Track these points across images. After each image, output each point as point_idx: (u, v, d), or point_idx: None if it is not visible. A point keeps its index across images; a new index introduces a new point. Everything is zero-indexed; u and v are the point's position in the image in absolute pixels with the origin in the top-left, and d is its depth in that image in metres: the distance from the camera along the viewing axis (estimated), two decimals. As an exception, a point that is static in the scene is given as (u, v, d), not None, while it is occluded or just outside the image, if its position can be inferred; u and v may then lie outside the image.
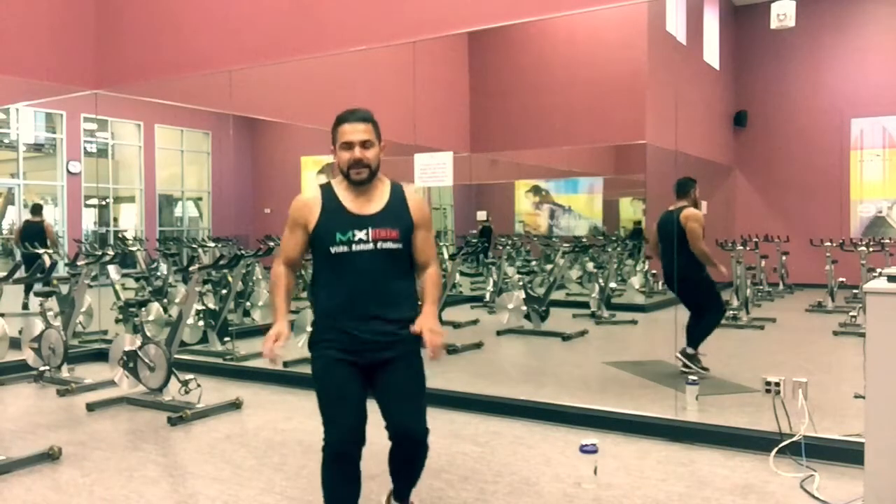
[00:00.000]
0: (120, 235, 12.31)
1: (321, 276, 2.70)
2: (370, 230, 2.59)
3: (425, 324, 2.59)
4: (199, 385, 4.84)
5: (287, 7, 5.70)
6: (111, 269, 7.29)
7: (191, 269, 5.40)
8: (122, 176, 14.21)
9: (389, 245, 2.61)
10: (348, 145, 2.61)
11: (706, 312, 5.80)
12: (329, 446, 2.76)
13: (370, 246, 2.59)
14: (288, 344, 2.72)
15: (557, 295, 8.57)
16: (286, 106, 8.12)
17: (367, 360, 2.63)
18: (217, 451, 4.07)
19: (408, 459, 2.82)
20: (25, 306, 9.04)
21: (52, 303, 6.03)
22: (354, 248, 2.59)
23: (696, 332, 5.73)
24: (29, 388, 5.74)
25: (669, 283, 5.92)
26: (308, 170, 13.09)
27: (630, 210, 10.65)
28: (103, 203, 13.46)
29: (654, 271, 9.88)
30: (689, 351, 5.69)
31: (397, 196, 2.71)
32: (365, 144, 2.61)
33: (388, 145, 2.74)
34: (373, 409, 2.68)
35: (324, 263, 2.67)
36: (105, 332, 7.31)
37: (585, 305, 8.72)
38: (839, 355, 6.88)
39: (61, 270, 8.14)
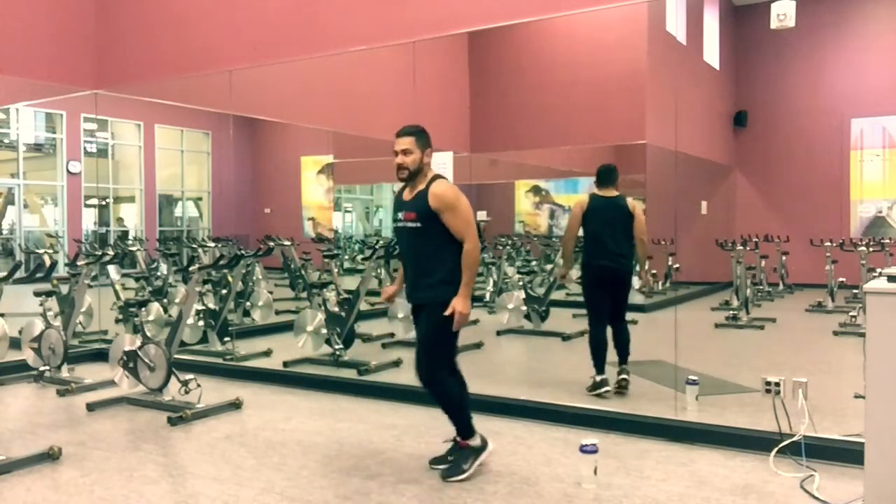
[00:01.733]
0: (120, 233, 12.32)
1: None
2: (402, 213, 3.62)
3: (455, 305, 3.46)
4: (199, 385, 4.84)
5: (287, 7, 5.71)
6: (111, 269, 7.30)
7: (191, 269, 5.40)
8: (122, 176, 14.21)
9: (410, 224, 3.57)
10: (394, 153, 3.61)
11: (624, 317, 5.36)
12: None
13: (402, 224, 3.62)
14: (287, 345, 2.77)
15: (557, 295, 8.56)
16: (286, 106, 8.11)
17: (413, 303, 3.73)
18: (217, 451, 4.07)
19: (434, 397, 3.66)
20: None
21: (52, 303, 6.03)
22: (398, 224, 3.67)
23: (629, 344, 5.31)
24: (29, 388, 5.74)
25: (601, 272, 5.22)
26: (308, 170, 13.10)
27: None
28: (103, 203, 13.46)
29: (654, 271, 9.88)
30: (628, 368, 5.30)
31: (426, 188, 3.56)
32: (405, 152, 3.57)
33: (389, 145, 2.97)
34: (363, 414, 2.68)
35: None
36: (105, 332, 7.31)
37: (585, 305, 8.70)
38: (839, 355, 6.88)
39: (61, 270, 8.14)
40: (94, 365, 6.38)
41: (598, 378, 5.17)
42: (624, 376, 5.25)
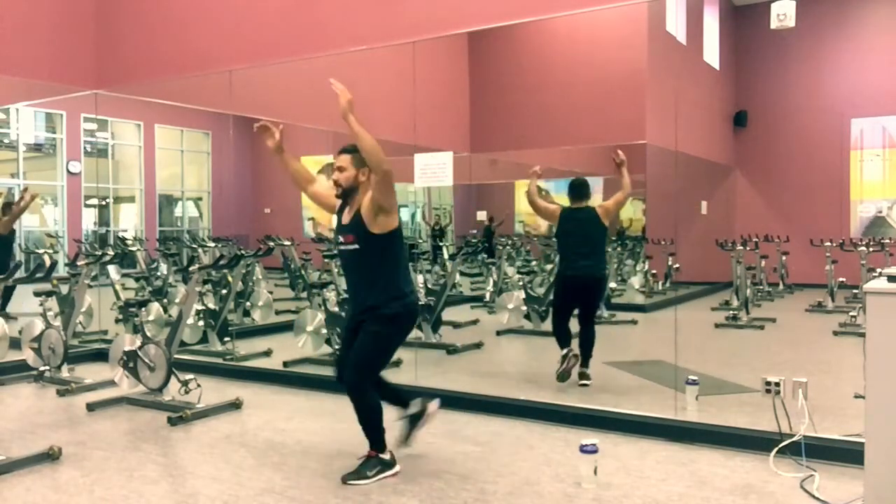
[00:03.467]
0: (120, 235, 12.31)
1: None
2: (342, 236, 3.66)
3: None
4: (199, 385, 4.84)
5: (287, 7, 5.70)
6: (111, 269, 7.29)
7: (191, 269, 5.40)
8: (122, 176, 14.20)
9: (351, 247, 3.62)
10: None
11: (593, 319, 5.60)
12: None
13: (343, 247, 3.68)
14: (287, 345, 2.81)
15: (557, 295, 8.55)
16: (286, 106, 8.10)
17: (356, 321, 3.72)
18: (217, 451, 4.07)
19: (352, 404, 3.62)
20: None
21: (52, 303, 6.03)
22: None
23: (593, 347, 5.53)
24: (29, 388, 5.74)
25: (572, 282, 5.47)
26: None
27: (630, 210, 10.63)
28: (103, 203, 13.46)
29: (654, 271, 9.88)
30: (589, 372, 5.49)
31: (360, 207, 3.59)
32: (339, 169, 3.60)
33: (388, 145, 3.00)
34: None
35: None
36: (105, 332, 7.31)
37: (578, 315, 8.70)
38: (839, 355, 6.88)
39: (61, 270, 8.13)
40: (94, 365, 6.38)
41: (563, 351, 5.44)
42: (584, 382, 5.44)
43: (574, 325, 5.66)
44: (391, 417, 3.78)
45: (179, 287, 8.32)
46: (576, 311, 5.69)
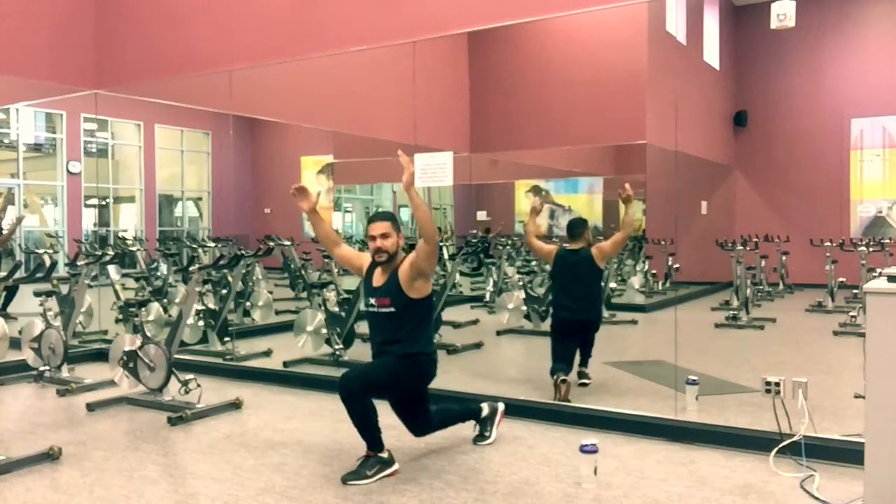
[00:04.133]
0: (120, 235, 12.31)
1: None
2: (374, 299, 3.78)
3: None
4: (199, 385, 4.84)
5: (287, 7, 5.70)
6: (111, 269, 7.29)
7: (191, 269, 5.40)
8: (122, 176, 14.20)
9: (384, 310, 3.74)
10: (371, 238, 3.75)
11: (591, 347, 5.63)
12: None
13: (374, 309, 3.80)
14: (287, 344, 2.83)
15: (557, 295, 8.56)
16: (286, 106, 8.11)
17: None
18: (217, 451, 4.07)
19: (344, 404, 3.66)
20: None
21: (52, 303, 6.03)
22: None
23: (592, 348, 5.57)
24: (29, 388, 5.74)
25: (567, 325, 5.37)
26: (308, 170, 13.09)
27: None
28: (103, 203, 13.46)
29: (654, 271, 9.88)
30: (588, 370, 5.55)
31: (397, 269, 3.73)
32: (384, 236, 3.71)
33: (388, 145, 2.98)
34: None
35: None
36: (105, 332, 7.31)
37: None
38: (839, 355, 6.88)
39: (61, 270, 8.14)
40: (94, 365, 6.38)
41: (553, 377, 5.22)
42: (584, 381, 5.46)
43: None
44: (386, 420, 3.78)
45: (179, 287, 8.32)
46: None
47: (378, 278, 3.79)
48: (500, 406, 4.30)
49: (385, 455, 3.66)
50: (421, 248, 3.61)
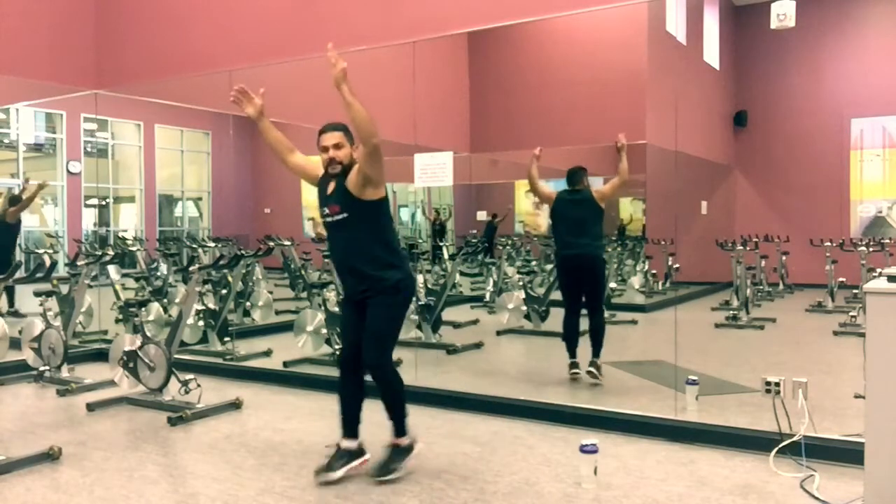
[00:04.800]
0: (120, 235, 12.31)
1: None
2: (327, 207, 3.57)
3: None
4: (199, 385, 4.84)
5: (287, 7, 5.70)
6: (111, 269, 7.28)
7: (191, 269, 5.40)
8: (122, 176, 14.20)
9: (338, 217, 3.53)
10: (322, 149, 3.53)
11: (601, 307, 5.80)
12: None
13: (330, 218, 3.58)
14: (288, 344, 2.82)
15: (557, 295, 8.54)
16: (286, 106, 8.10)
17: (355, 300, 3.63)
18: (217, 451, 4.07)
19: (378, 386, 3.57)
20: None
21: (52, 303, 6.03)
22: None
23: (602, 336, 5.62)
24: (29, 388, 5.74)
25: (568, 262, 5.63)
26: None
27: (630, 210, 10.64)
28: (103, 203, 13.46)
29: (654, 271, 9.88)
30: (600, 362, 5.57)
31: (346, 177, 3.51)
32: (337, 146, 3.50)
33: (388, 145, 2.98)
34: (363, 414, 2.68)
35: None
36: (105, 332, 7.31)
37: (585, 305, 8.71)
38: (839, 355, 6.88)
39: (61, 270, 8.14)
40: (94, 365, 6.38)
41: (569, 361, 5.59)
42: (592, 369, 5.48)
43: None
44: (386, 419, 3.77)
45: (179, 287, 8.32)
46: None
47: (331, 186, 3.59)
48: (418, 447, 3.71)
49: (406, 441, 3.63)
50: (361, 153, 3.42)
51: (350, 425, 3.64)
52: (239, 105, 3.74)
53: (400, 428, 3.62)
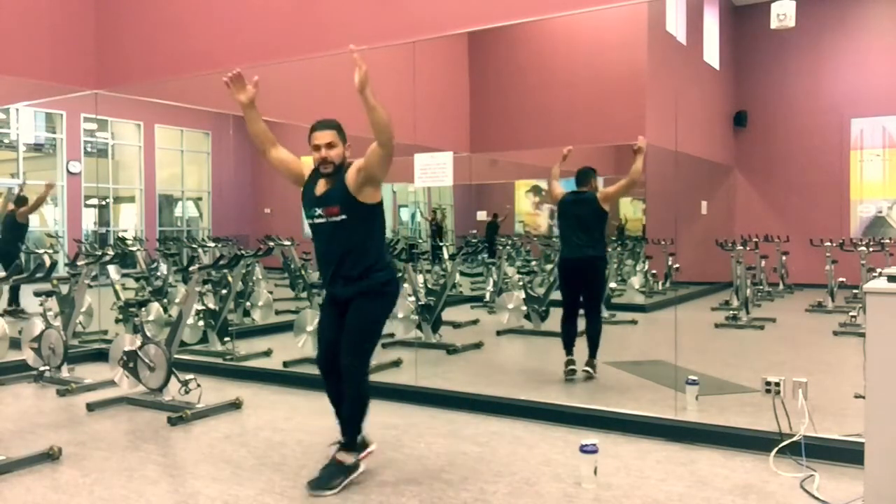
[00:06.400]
0: (120, 235, 12.31)
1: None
2: (320, 209, 3.47)
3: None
4: (199, 385, 4.84)
5: (287, 7, 5.70)
6: (111, 269, 7.28)
7: (191, 269, 5.40)
8: (122, 176, 14.19)
9: (334, 219, 3.44)
10: (314, 147, 3.47)
11: (598, 309, 5.84)
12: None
13: (322, 220, 3.49)
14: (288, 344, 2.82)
15: (557, 295, 8.55)
16: (286, 106, 8.11)
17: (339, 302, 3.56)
18: (217, 451, 4.07)
19: (345, 388, 3.51)
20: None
21: (52, 303, 6.03)
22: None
23: (598, 339, 5.67)
24: (29, 388, 5.74)
25: (568, 264, 5.68)
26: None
27: (630, 210, 10.64)
28: (103, 203, 13.45)
29: (654, 271, 9.88)
30: (596, 362, 5.63)
31: (342, 176, 3.45)
32: (329, 146, 3.45)
33: None
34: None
35: None
36: (105, 332, 7.31)
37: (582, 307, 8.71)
38: (839, 355, 6.88)
39: (61, 270, 8.13)
40: (94, 365, 6.38)
41: (565, 359, 5.61)
42: (587, 369, 5.54)
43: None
44: (386, 419, 3.76)
45: (179, 287, 8.32)
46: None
47: (322, 187, 3.48)
48: (371, 447, 3.66)
49: (351, 460, 3.50)
50: (374, 152, 3.33)
51: None
52: (230, 89, 3.65)
53: (350, 442, 3.51)
